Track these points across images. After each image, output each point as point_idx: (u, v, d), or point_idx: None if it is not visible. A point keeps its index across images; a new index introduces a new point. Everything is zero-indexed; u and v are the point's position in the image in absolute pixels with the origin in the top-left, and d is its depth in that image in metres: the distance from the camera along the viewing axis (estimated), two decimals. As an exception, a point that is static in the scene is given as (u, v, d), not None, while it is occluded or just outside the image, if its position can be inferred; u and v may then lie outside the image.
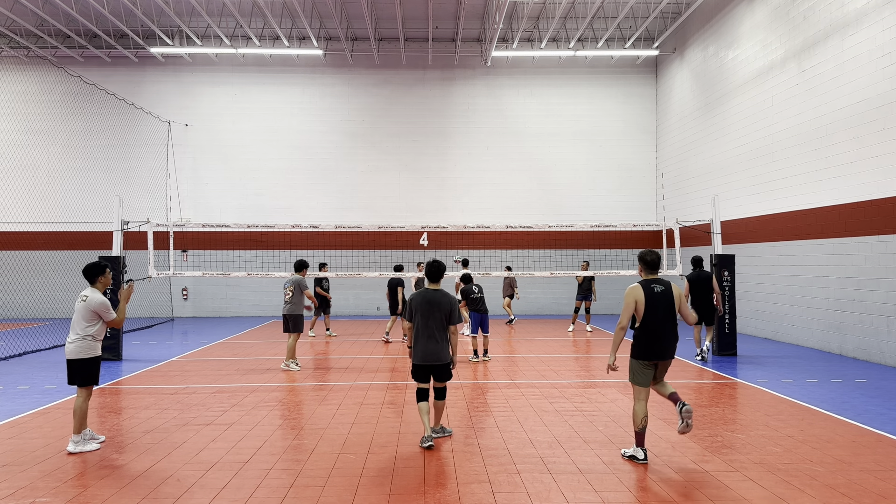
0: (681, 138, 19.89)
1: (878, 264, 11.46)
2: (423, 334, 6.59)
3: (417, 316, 6.62)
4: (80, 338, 6.56)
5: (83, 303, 6.57)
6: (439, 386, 6.78)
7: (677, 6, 18.40)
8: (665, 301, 5.98)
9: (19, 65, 20.62)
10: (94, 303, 6.55)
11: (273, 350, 13.29)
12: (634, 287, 6.05)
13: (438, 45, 21.00)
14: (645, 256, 6.14)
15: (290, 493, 5.29)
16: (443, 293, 6.69)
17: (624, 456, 6.17)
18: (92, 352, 6.61)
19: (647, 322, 5.96)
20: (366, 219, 20.88)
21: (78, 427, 6.47)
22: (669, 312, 5.99)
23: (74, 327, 6.58)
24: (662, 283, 6.05)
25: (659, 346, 5.97)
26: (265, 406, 8.41)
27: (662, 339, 5.96)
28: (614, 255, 20.52)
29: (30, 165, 20.15)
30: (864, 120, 11.75)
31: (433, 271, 6.79)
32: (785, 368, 11.10)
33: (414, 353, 6.68)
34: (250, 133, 21.55)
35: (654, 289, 5.99)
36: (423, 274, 7.28)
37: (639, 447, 6.07)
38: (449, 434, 6.90)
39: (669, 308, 5.99)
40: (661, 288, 6.00)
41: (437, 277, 6.80)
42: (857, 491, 5.30)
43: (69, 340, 6.56)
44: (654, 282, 6.04)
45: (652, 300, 5.95)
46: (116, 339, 12.32)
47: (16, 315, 19.15)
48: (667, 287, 6.03)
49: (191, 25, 19.31)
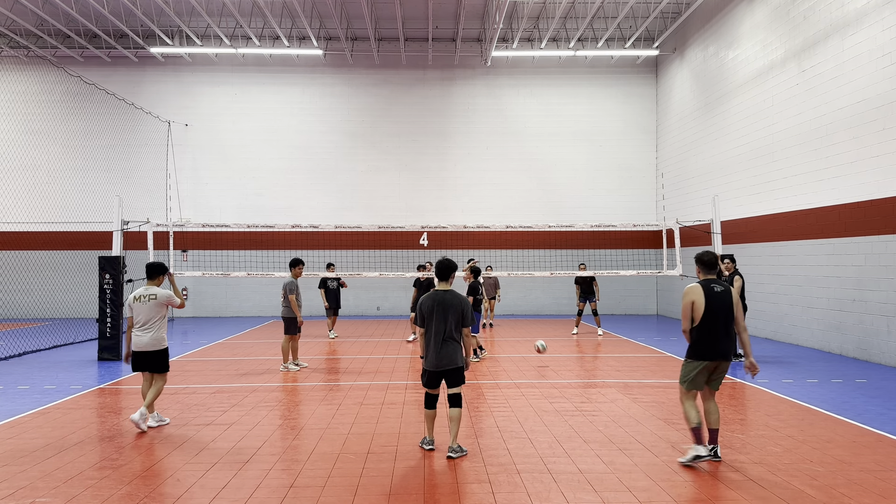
0: (681, 138, 19.90)
1: (878, 264, 11.46)
2: (436, 338, 6.23)
3: (430, 319, 6.28)
4: (156, 331, 7.37)
5: (154, 300, 7.34)
6: (453, 392, 6.33)
7: (677, 6, 18.40)
8: (725, 301, 5.91)
9: (19, 65, 20.62)
10: (164, 296, 7.41)
11: (273, 350, 13.28)
12: (692, 287, 5.98)
13: (438, 45, 21.01)
14: (702, 257, 6.08)
15: (290, 493, 5.29)
16: (454, 294, 6.35)
17: (684, 463, 5.89)
18: (165, 343, 7.52)
19: (706, 322, 5.88)
20: (366, 219, 20.87)
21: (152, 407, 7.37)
22: (728, 312, 5.91)
23: (149, 323, 7.33)
24: (722, 284, 5.99)
25: (717, 346, 5.88)
26: (265, 406, 8.41)
27: (721, 339, 5.88)
28: (614, 255, 20.52)
29: (30, 165, 20.15)
30: (864, 120, 11.75)
31: (442, 270, 6.44)
32: (785, 368, 11.10)
33: (426, 358, 6.33)
34: (250, 133, 21.55)
35: (714, 288, 5.93)
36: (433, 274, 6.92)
37: (698, 444, 5.89)
38: (465, 454, 6.27)
39: (728, 308, 5.91)
40: (721, 288, 5.94)
41: (446, 277, 6.46)
42: (857, 491, 5.30)
43: (146, 335, 7.29)
44: (713, 282, 5.98)
45: (711, 300, 5.88)
46: (116, 340, 12.32)
47: (16, 315, 19.15)
48: (726, 288, 5.96)
49: (191, 25, 19.31)
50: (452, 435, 6.29)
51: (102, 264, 12.50)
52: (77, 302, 18.67)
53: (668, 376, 10.41)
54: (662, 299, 21.75)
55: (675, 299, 20.56)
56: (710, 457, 5.90)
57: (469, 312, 6.34)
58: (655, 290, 22.15)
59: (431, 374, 6.35)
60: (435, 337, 6.25)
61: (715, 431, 5.99)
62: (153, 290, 7.40)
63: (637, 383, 9.83)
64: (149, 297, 7.33)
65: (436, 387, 6.42)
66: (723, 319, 5.90)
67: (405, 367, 11.32)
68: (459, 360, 6.32)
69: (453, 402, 6.33)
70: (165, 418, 7.59)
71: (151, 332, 7.33)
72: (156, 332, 7.35)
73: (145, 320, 7.31)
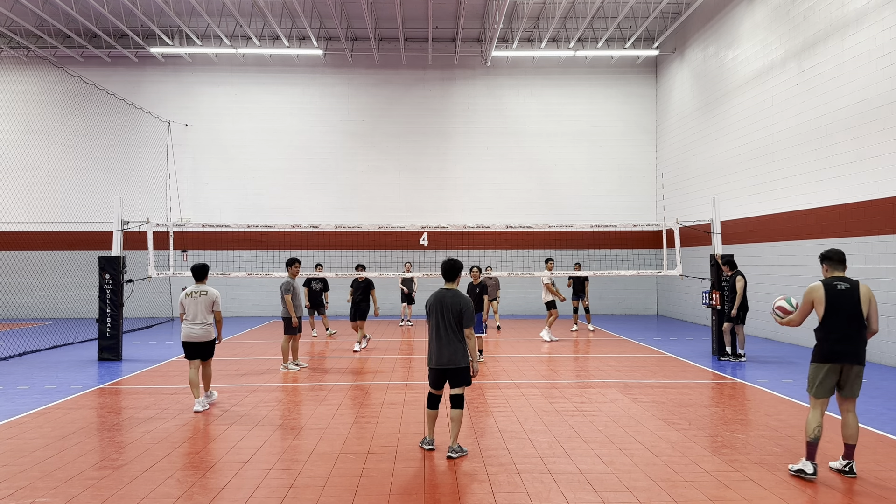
0: (681, 138, 19.89)
1: (879, 264, 11.46)
2: (436, 337, 6.29)
3: (430, 318, 6.37)
4: (206, 324, 8.27)
5: (205, 296, 8.24)
6: (455, 392, 6.31)
7: (677, 6, 18.40)
8: (850, 299, 5.57)
9: (19, 65, 20.62)
10: (213, 295, 8.32)
11: (273, 350, 13.28)
12: (814, 286, 5.70)
13: (438, 45, 21.00)
14: (827, 254, 5.83)
15: (290, 494, 5.29)
16: (455, 294, 6.34)
17: (791, 471, 5.67)
18: (214, 334, 8.52)
19: (827, 321, 5.60)
20: (366, 219, 20.87)
21: (199, 392, 8.29)
22: (855, 311, 5.56)
23: (199, 317, 8.22)
24: (848, 282, 5.65)
25: (841, 347, 5.54)
26: (265, 406, 8.41)
27: (845, 339, 5.55)
28: (614, 255, 20.52)
29: (30, 165, 20.14)
30: (864, 120, 11.75)
31: (446, 270, 6.46)
32: (785, 368, 11.10)
33: (428, 356, 6.42)
34: (250, 133, 21.55)
35: (837, 286, 5.61)
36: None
37: (808, 460, 5.57)
38: (465, 454, 6.28)
39: (855, 306, 5.56)
40: (846, 286, 5.61)
41: (450, 277, 6.47)
42: (857, 491, 5.30)
43: (197, 328, 8.20)
44: (837, 279, 5.67)
45: (833, 298, 5.58)
46: (116, 340, 12.31)
47: (16, 315, 19.13)
48: (853, 285, 5.62)
49: (191, 25, 19.31)
50: (452, 436, 6.29)
51: (102, 264, 12.50)
52: (77, 302, 18.65)
53: (668, 376, 10.41)
54: (662, 299, 21.75)
55: (675, 299, 20.57)
56: (842, 472, 5.64)
57: (468, 313, 6.27)
58: (655, 290, 22.14)
59: (434, 372, 6.38)
60: (435, 335, 6.32)
61: (850, 447, 5.63)
62: (204, 287, 8.32)
63: (637, 383, 9.83)
64: (199, 293, 8.25)
65: (439, 387, 6.42)
66: (846, 318, 5.55)
67: (405, 368, 11.33)
68: (461, 360, 6.27)
69: (454, 402, 6.31)
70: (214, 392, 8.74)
71: (201, 325, 8.22)
72: (205, 325, 8.24)
73: (194, 315, 8.21)
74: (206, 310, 8.25)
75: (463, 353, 6.29)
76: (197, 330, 8.23)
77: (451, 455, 6.19)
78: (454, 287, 6.47)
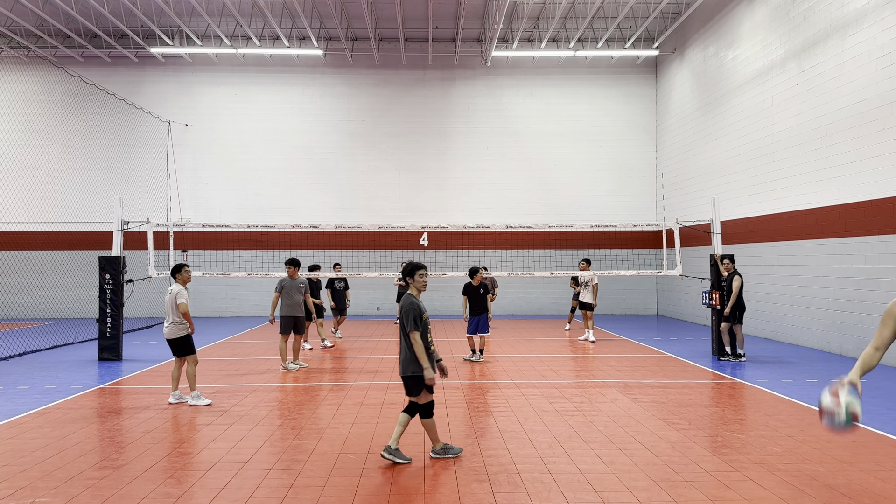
0: (681, 138, 19.90)
1: (878, 264, 11.46)
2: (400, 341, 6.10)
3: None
4: (172, 322, 8.60)
5: (170, 294, 8.64)
6: (411, 400, 6.10)
7: (677, 6, 18.40)
8: None
9: (19, 65, 20.61)
10: (175, 291, 8.63)
11: (273, 350, 13.28)
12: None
13: (438, 45, 21.01)
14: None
15: (290, 493, 5.29)
16: (405, 296, 6.08)
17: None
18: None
19: None
20: (366, 219, 20.87)
21: (175, 386, 8.67)
22: None
23: (169, 314, 8.65)
24: None
25: None
26: (265, 406, 8.41)
27: None
28: (614, 255, 20.52)
29: (30, 165, 20.15)
30: (864, 120, 11.75)
31: (403, 271, 6.22)
32: (785, 368, 11.10)
33: None
34: (250, 133, 21.55)
35: None
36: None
37: None
38: (456, 454, 6.14)
39: None
40: None
41: (402, 277, 6.23)
42: (857, 491, 5.30)
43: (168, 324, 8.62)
44: None
45: None
46: (116, 340, 12.31)
47: (16, 315, 19.14)
48: None
49: (191, 25, 19.31)
50: (431, 439, 6.17)
51: (102, 264, 12.50)
52: (77, 302, 18.65)
53: (667, 376, 10.41)
54: (662, 299, 21.75)
55: (675, 299, 20.57)
56: None
57: (408, 316, 5.89)
58: (655, 290, 22.14)
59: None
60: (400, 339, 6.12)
61: None
62: (171, 286, 8.75)
63: (637, 383, 9.83)
64: (168, 292, 8.69)
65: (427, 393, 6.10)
66: None
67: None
68: (405, 367, 5.98)
69: (419, 412, 6.05)
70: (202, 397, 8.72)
71: (171, 322, 8.61)
72: (172, 323, 8.62)
73: (166, 313, 8.67)
74: (172, 307, 8.57)
75: (408, 361, 5.98)
76: (167, 327, 8.64)
77: (433, 455, 6.13)
78: (410, 288, 6.17)
